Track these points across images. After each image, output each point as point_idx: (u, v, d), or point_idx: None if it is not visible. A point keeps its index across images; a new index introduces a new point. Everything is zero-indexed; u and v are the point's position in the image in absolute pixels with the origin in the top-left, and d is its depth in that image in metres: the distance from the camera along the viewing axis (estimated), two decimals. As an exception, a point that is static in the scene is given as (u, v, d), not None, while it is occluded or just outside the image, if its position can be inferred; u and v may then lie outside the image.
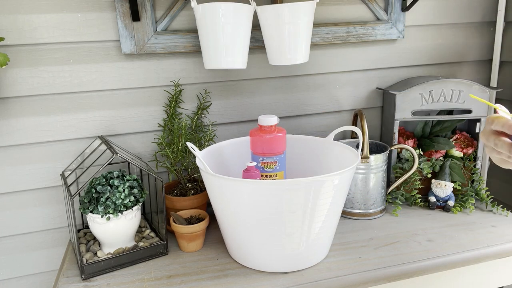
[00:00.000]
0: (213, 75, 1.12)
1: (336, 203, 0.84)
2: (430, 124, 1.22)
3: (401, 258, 0.90)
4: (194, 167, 1.08)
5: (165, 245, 0.95)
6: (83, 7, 0.99)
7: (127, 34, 1.01)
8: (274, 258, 0.85)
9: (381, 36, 1.20)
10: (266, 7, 0.96)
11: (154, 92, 1.09)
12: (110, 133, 1.08)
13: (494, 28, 1.31)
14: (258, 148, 0.93)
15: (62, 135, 1.05)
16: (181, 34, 1.05)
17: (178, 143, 1.04)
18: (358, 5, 1.18)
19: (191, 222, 0.98)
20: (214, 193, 0.85)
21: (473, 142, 1.18)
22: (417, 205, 1.17)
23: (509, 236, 0.97)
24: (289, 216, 0.79)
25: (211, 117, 1.15)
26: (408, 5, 1.17)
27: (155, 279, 0.86)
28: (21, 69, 0.98)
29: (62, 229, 1.10)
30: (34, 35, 0.97)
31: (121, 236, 0.92)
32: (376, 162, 1.06)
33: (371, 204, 1.09)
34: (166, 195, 1.03)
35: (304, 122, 1.24)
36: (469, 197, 1.13)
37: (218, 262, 0.91)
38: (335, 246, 0.95)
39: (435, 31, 1.27)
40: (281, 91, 1.19)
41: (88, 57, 1.02)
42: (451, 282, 0.92)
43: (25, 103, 1.00)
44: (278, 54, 0.99)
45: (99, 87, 1.04)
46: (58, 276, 0.90)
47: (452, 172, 1.15)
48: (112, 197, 0.88)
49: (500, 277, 0.96)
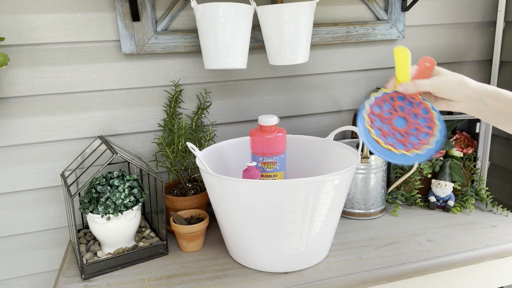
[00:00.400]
0: (213, 75, 1.12)
1: (336, 203, 0.84)
2: (430, 124, 1.22)
3: (401, 258, 0.90)
4: (194, 167, 1.08)
5: (165, 245, 0.95)
6: (83, 7, 0.99)
7: (127, 34, 1.01)
8: (274, 258, 0.85)
9: (381, 36, 1.20)
10: (266, 7, 0.96)
11: (154, 92, 1.09)
12: (110, 133, 1.08)
13: (494, 28, 1.31)
14: (258, 148, 0.93)
15: (62, 135, 1.05)
16: (181, 34, 1.05)
17: (178, 143, 1.04)
18: (358, 5, 1.18)
19: (191, 222, 0.98)
20: (214, 193, 0.85)
21: (473, 142, 1.18)
22: (417, 205, 1.17)
23: (509, 236, 0.97)
24: (289, 216, 0.79)
25: (211, 117, 1.15)
26: (408, 5, 1.17)
27: (155, 279, 0.86)
28: (21, 69, 0.98)
29: (62, 229, 1.10)
30: (34, 35, 0.97)
31: (121, 236, 0.92)
32: (376, 162, 1.06)
33: (371, 204, 1.09)
34: (166, 195, 1.03)
35: (304, 122, 1.24)
36: (469, 197, 1.13)
37: (218, 262, 0.91)
38: (335, 246, 0.95)
39: (435, 31, 1.27)
40: (281, 91, 1.19)
41: (88, 57, 1.02)
42: (451, 282, 0.92)
43: (25, 103, 1.00)
44: (278, 54, 0.99)
45: (99, 87, 1.04)
46: (58, 276, 0.90)
47: (452, 172, 1.15)
48: (112, 197, 0.88)
49: (500, 277, 0.96)
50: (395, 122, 0.72)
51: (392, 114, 0.72)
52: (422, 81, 0.69)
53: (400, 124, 0.72)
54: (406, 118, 0.72)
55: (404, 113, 0.72)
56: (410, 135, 0.72)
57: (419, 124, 0.72)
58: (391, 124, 0.72)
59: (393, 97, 0.73)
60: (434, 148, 0.70)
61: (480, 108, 0.68)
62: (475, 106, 0.68)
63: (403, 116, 0.72)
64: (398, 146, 0.71)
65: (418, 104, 0.72)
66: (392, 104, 0.73)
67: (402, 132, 0.72)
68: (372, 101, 0.73)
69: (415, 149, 0.71)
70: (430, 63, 0.70)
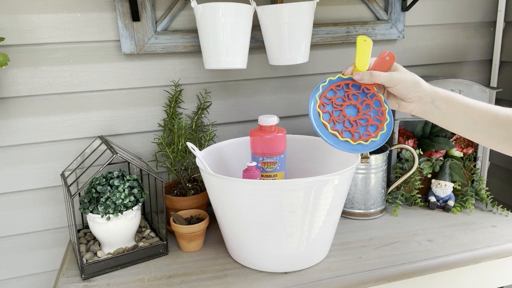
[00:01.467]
0: (213, 75, 1.12)
1: (336, 203, 0.84)
2: (430, 124, 1.22)
3: (401, 258, 0.90)
4: (194, 167, 1.08)
5: (165, 245, 0.95)
6: (83, 7, 0.99)
7: (127, 34, 1.01)
8: (274, 258, 0.85)
9: (381, 36, 1.20)
10: (266, 7, 0.96)
11: (154, 92, 1.09)
12: (110, 133, 1.08)
13: (494, 28, 1.31)
14: (258, 148, 0.93)
15: (62, 135, 1.05)
16: (181, 34, 1.05)
17: (178, 143, 1.04)
18: (358, 5, 1.18)
19: (191, 222, 0.98)
20: (214, 193, 0.85)
21: (473, 142, 1.18)
22: (417, 205, 1.17)
23: (509, 236, 0.97)
24: (289, 216, 0.79)
25: (211, 117, 1.15)
26: (408, 5, 1.17)
27: (155, 279, 0.86)
28: (21, 69, 0.98)
29: (62, 229, 1.10)
30: (34, 35, 0.97)
31: (121, 236, 0.92)
32: (376, 162, 1.06)
33: (371, 204, 1.09)
34: (166, 195, 1.03)
35: (304, 122, 1.24)
36: (469, 197, 1.13)
37: (218, 262, 0.91)
38: (335, 246, 0.95)
39: (435, 31, 1.27)
40: (281, 91, 1.19)
41: (88, 57, 1.02)
42: (451, 282, 0.92)
43: (25, 103, 1.01)
44: (278, 54, 0.99)
45: (99, 87, 1.04)
46: (58, 276, 0.90)
47: (452, 172, 1.15)
48: (112, 197, 0.88)
49: (500, 277, 0.96)
50: (346, 109, 0.73)
51: (344, 101, 0.73)
52: (379, 72, 0.71)
53: (351, 112, 0.73)
54: (357, 107, 0.73)
55: (357, 102, 0.73)
56: (359, 125, 0.72)
57: (370, 116, 0.72)
58: (342, 111, 0.72)
59: (349, 85, 0.73)
60: (379, 141, 0.71)
61: (431, 111, 0.70)
62: (426, 109, 0.70)
63: (354, 105, 0.73)
64: (345, 134, 0.71)
65: (371, 96, 0.72)
66: (346, 91, 0.73)
67: (352, 121, 0.72)
68: (327, 84, 0.73)
69: (361, 139, 0.71)
70: (390, 57, 0.71)
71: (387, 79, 0.70)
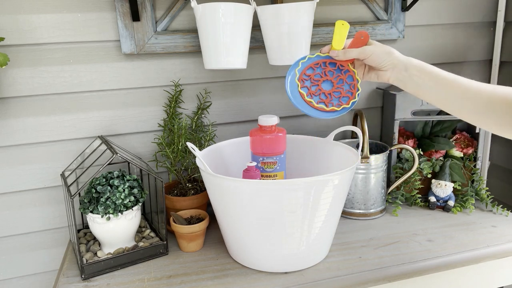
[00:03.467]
0: (213, 75, 1.12)
1: (336, 203, 0.84)
2: (430, 124, 1.22)
3: (401, 258, 0.90)
4: (194, 167, 1.08)
5: (165, 245, 0.95)
6: (83, 7, 0.99)
7: (127, 34, 1.01)
8: (274, 258, 0.85)
9: (381, 36, 1.20)
10: (266, 7, 0.96)
11: (154, 92, 1.09)
12: (110, 133, 1.08)
13: (494, 28, 1.31)
14: (258, 148, 0.93)
15: (62, 135, 1.05)
16: (181, 34, 1.05)
17: (178, 143, 1.04)
18: (358, 5, 1.18)
19: (191, 222, 0.98)
20: (214, 193, 0.85)
21: (473, 142, 1.18)
22: (417, 205, 1.17)
23: (509, 236, 0.97)
24: (289, 216, 0.79)
25: (211, 117, 1.15)
26: (408, 5, 1.17)
27: (155, 279, 0.86)
28: (21, 69, 0.98)
29: (62, 229, 1.10)
30: (34, 35, 0.97)
31: (121, 236, 0.92)
32: (376, 162, 1.06)
33: (371, 204, 1.09)
34: (166, 195, 1.03)
35: (304, 122, 1.24)
36: (469, 197, 1.13)
37: (218, 262, 0.91)
38: (335, 246, 0.95)
39: (435, 31, 1.27)
40: (281, 91, 1.19)
41: (88, 57, 1.02)
42: (451, 282, 0.91)
43: (25, 103, 1.01)
44: (278, 54, 0.99)
45: (99, 87, 1.04)
46: (58, 276, 0.90)
47: (452, 172, 1.15)
48: (112, 197, 0.88)
49: (500, 277, 0.96)
50: (322, 84, 0.82)
51: (321, 77, 0.82)
52: (352, 49, 0.78)
53: (326, 87, 0.82)
54: (332, 82, 0.82)
55: (332, 78, 0.82)
56: (333, 97, 0.81)
57: (343, 89, 0.81)
58: (319, 86, 0.81)
59: (326, 63, 0.82)
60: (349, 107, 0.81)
61: (405, 79, 0.74)
62: (401, 77, 0.75)
63: (330, 80, 0.82)
64: (320, 105, 0.80)
65: (345, 71, 0.82)
66: (323, 68, 0.82)
67: (326, 94, 0.81)
68: (307, 62, 0.82)
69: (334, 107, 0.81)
70: (364, 36, 0.78)
71: (360, 52, 0.77)
